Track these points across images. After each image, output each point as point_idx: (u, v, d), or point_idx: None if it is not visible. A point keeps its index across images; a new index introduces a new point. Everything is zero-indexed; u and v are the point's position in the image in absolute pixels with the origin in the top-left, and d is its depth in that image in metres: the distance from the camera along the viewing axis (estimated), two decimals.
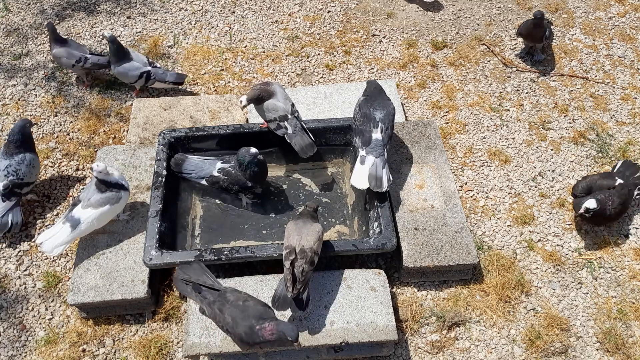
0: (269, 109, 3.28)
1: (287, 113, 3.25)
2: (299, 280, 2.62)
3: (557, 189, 3.60)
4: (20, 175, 3.29)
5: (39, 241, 3.02)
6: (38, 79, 4.25)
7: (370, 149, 3.10)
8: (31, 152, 3.37)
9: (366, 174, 3.05)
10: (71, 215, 2.98)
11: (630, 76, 4.28)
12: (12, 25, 4.68)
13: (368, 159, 3.08)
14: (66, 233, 2.97)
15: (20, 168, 3.29)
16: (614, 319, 3.03)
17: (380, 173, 3.04)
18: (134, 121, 3.74)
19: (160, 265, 2.88)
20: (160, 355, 2.90)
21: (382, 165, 3.06)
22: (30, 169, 3.33)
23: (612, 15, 4.77)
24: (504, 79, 4.30)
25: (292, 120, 3.24)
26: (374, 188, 3.03)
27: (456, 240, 3.08)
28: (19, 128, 3.32)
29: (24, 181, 3.31)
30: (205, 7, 4.86)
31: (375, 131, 3.13)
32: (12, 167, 3.28)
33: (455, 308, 3.05)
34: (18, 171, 3.28)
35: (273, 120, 3.28)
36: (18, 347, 2.96)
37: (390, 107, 3.24)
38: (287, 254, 2.67)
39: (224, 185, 3.19)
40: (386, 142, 3.14)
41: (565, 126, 3.96)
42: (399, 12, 4.86)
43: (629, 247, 3.32)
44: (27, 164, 3.32)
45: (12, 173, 3.27)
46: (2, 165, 3.29)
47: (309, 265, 2.65)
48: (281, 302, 2.66)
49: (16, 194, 3.29)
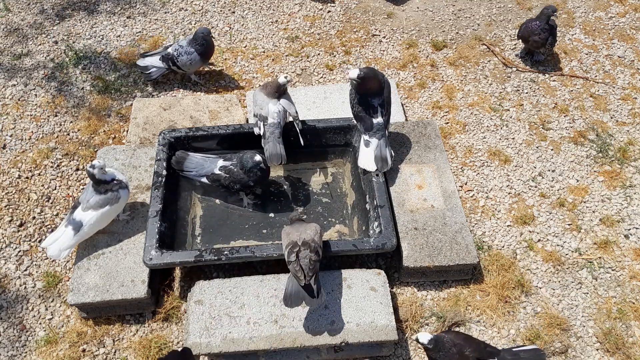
0: (256, 104, 3.31)
1: (268, 116, 3.24)
2: (309, 269, 2.61)
3: (557, 189, 3.60)
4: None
5: (44, 245, 3.04)
6: (38, 79, 4.25)
7: (374, 132, 3.23)
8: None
9: (372, 156, 3.21)
10: (72, 218, 2.98)
11: (630, 76, 4.28)
12: (12, 25, 4.68)
13: (372, 142, 3.23)
14: (69, 236, 2.97)
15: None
16: (614, 319, 3.03)
17: (385, 154, 3.22)
18: (134, 121, 3.74)
19: (160, 265, 2.88)
20: (160, 355, 2.90)
21: (384, 145, 3.23)
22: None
23: (612, 15, 4.77)
24: (504, 79, 4.30)
25: (269, 127, 3.23)
26: (381, 169, 3.21)
27: (456, 240, 3.08)
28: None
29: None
30: (205, 7, 4.86)
31: (375, 116, 3.23)
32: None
33: (455, 308, 3.05)
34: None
35: (255, 116, 3.31)
36: (18, 347, 2.96)
37: (387, 89, 3.26)
38: (290, 249, 2.66)
39: (225, 183, 3.19)
40: (387, 123, 3.26)
41: (565, 126, 3.96)
42: (399, 12, 4.86)
43: (629, 247, 3.32)
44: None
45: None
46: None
47: (314, 255, 2.64)
48: (293, 297, 2.64)
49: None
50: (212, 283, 2.90)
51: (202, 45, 3.98)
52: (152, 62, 4.10)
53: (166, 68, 4.09)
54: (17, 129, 3.92)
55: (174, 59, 4.01)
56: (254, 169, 3.10)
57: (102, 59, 4.40)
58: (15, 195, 3.55)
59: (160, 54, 4.10)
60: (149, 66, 4.11)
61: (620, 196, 3.56)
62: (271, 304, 2.80)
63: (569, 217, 3.46)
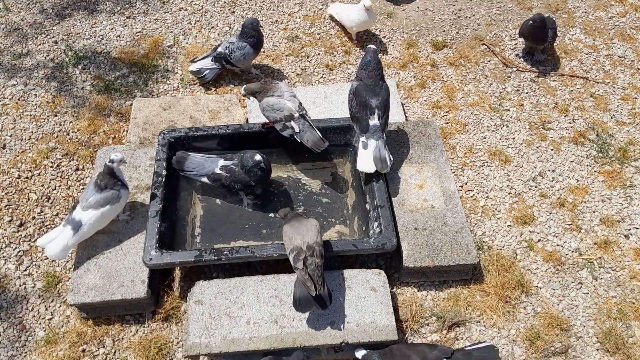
0: (274, 109, 3.26)
1: (292, 112, 3.24)
2: (317, 276, 2.63)
3: (557, 189, 3.60)
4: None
5: (39, 244, 3.02)
6: (38, 79, 4.25)
7: (370, 134, 3.18)
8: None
9: (371, 158, 3.15)
10: (72, 217, 2.97)
11: (630, 76, 4.28)
12: (12, 25, 4.68)
13: (371, 143, 3.18)
14: (68, 236, 2.95)
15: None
16: (614, 319, 3.03)
17: (384, 155, 3.15)
18: (133, 121, 3.73)
19: (160, 265, 2.88)
20: (160, 356, 2.90)
21: (383, 147, 3.17)
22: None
23: (612, 15, 4.77)
24: (504, 79, 4.30)
25: (298, 120, 3.24)
26: (381, 170, 3.15)
27: (456, 240, 3.08)
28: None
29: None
30: (205, 6, 4.86)
31: (372, 118, 3.19)
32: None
33: (456, 308, 3.05)
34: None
35: (279, 121, 3.27)
36: (18, 347, 2.96)
37: (385, 92, 3.25)
38: (296, 256, 2.66)
39: (226, 183, 3.19)
40: (384, 126, 3.21)
41: (565, 126, 3.96)
42: (399, 12, 4.86)
43: (629, 247, 3.32)
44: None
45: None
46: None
47: (320, 259, 2.66)
48: (304, 303, 2.67)
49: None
50: (212, 283, 2.89)
51: (253, 36, 4.02)
52: (204, 65, 4.12)
53: (219, 68, 4.12)
54: (16, 129, 3.92)
55: (227, 57, 4.04)
56: (254, 169, 3.10)
57: (102, 59, 4.40)
58: (15, 195, 3.55)
59: (211, 55, 4.11)
60: (202, 69, 4.12)
61: (620, 196, 3.56)
62: (271, 304, 2.80)
63: (569, 217, 3.46)
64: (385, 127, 3.22)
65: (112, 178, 2.96)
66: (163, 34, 4.62)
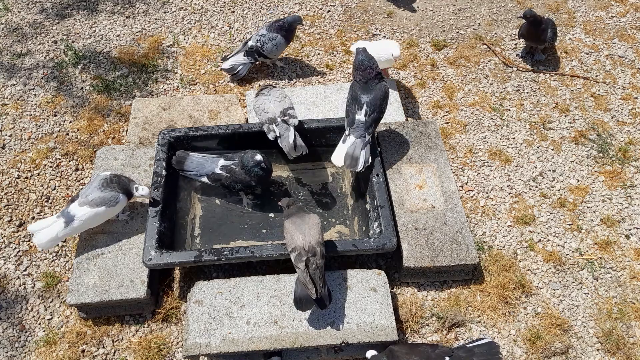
0: (260, 110, 3.31)
1: (275, 116, 3.25)
2: (319, 277, 2.63)
3: (558, 189, 3.60)
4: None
5: (30, 229, 3.01)
6: (37, 79, 4.24)
7: (353, 129, 3.17)
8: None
9: (344, 152, 3.13)
10: (67, 210, 2.97)
11: (630, 76, 4.27)
12: (11, 24, 4.67)
13: (349, 139, 3.16)
14: (59, 228, 2.95)
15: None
16: (614, 319, 3.02)
17: (358, 153, 3.11)
18: (133, 121, 3.73)
19: (159, 265, 2.87)
20: (159, 356, 2.89)
21: (361, 147, 3.13)
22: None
23: (612, 14, 4.76)
24: (504, 78, 4.29)
25: (281, 125, 3.24)
26: (348, 167, 3.13)
27: (457, 240, 3.07)
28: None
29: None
30: (204, 6, 4.86)
31: (359, 113, 3.17)
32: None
33: (456, 308, 3.05)
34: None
35: (265, 123, 3.30)
36: (17, 347, 2.95)
37: (380, 91, 3.21)
38: (298, 256, 2.66)
39: (226, 183, 3.19)
40: (369, 124, 3.17)
41: (565, 126, 3.95)
42: (399, 12, 4.85)
43: (630, 247, 3.31)
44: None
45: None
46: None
47: (321, 260, 2.66)
48: (304, 302, 2.67)
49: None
50: (212, 283, 2.89)
51: (283, 26, 4.05)
52: (237, 61, 4.13)
53: (251, 62, 4.13)
54: (16, 128, 3.91)
55: (259, 50, 4.05)
56: (254, 169, 3.10)
57: (102, 59, 4.39)
58: (15, 195, 3.54)
59: (242, 50, 4.12)
60: (235, 66, 4.13)
61: (621, 196, 3.55)
62: (271, 304, 2.79)
63: (570, 217, 3.45)
64: (370, 125, 3.17)
65: (121, 188, 2.98)
66: (163, 33, 4.62)
